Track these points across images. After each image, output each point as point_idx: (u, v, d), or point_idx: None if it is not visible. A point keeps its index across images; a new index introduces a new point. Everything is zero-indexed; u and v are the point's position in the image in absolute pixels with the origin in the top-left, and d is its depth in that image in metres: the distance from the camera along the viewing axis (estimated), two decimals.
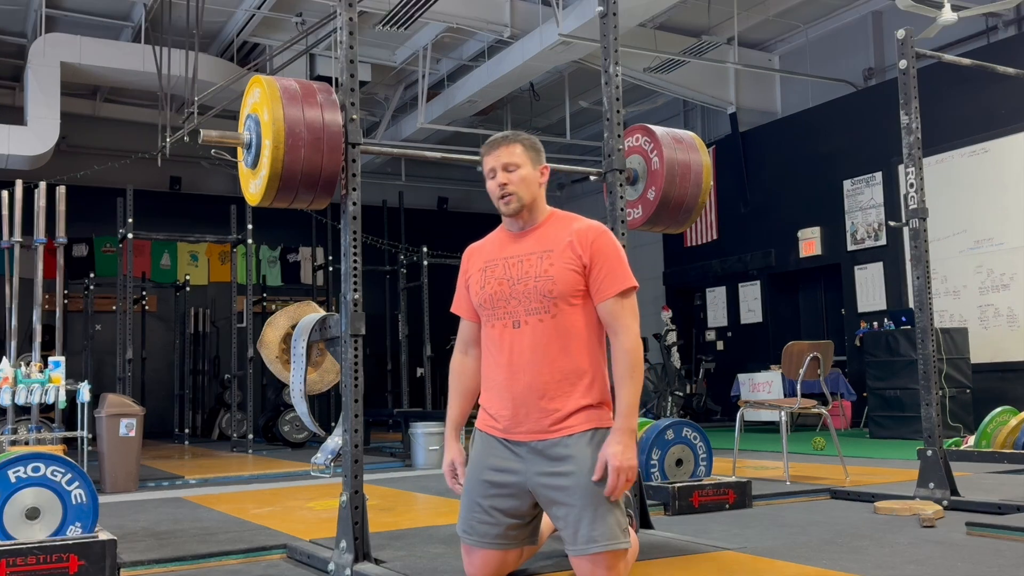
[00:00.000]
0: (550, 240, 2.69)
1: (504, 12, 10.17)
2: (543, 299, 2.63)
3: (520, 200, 2.71)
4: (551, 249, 2.67)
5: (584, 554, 2.49)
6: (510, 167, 2.71)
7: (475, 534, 2.68)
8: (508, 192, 2.70)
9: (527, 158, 2.74)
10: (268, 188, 3.07)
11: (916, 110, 4.52)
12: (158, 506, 5.10)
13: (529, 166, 2.73)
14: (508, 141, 2.75)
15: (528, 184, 2.72)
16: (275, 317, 6.91)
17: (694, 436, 4.48)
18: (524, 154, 2.73)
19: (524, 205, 2.72)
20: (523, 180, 2.71)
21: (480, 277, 2.75)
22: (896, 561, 3.07)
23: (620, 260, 2.66)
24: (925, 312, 4.40)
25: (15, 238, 5.98)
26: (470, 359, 2.86)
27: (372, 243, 13.00)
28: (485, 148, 2.78)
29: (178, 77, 9.93)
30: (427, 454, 7.16)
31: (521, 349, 2.64)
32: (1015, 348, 9.03)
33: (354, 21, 3.23)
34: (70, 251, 12.22)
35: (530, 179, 2.73)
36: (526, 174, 2.72)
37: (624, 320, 2.61)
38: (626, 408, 2.55)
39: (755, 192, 12.29)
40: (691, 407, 12.01)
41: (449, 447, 2.82)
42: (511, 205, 2.71)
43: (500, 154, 2.73)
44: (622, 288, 2.62)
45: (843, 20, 11.29)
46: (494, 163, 2.73)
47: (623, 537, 2.53)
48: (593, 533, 2.49)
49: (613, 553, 2.49)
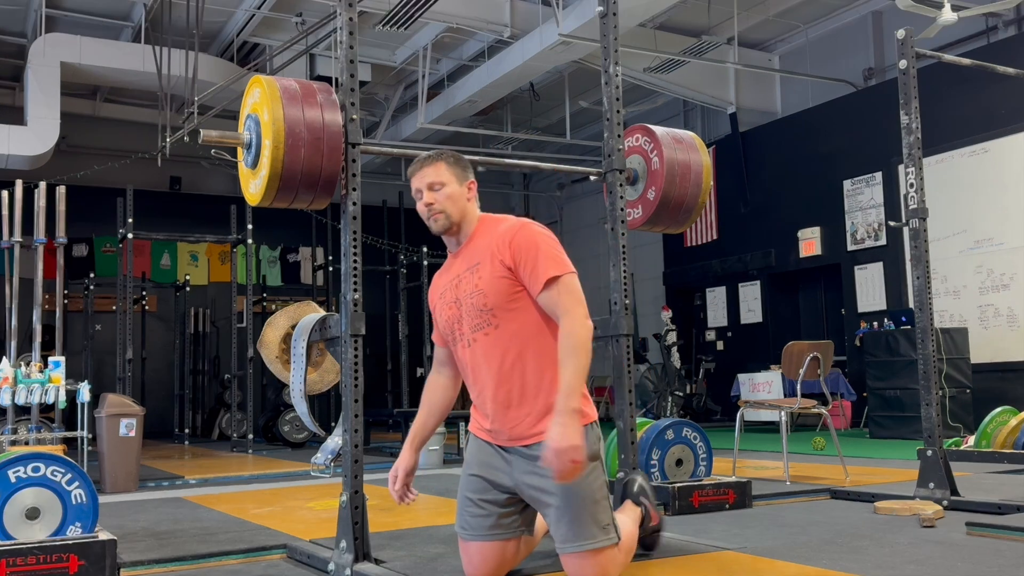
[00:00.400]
0: (478, 253, 2.70)
1: (504, 12, 10.17)
2: (480, 313, 2.66)
3: (448, 218, 2.72)
4: (479, 262, 2.68)
5: (568, 552, 2.54)
6: (435, 186, 2.73)
7: (469, 528, 2.71)
8: (435, 211, 2.72)
9: (452, 175, 2.74)
10: (268, 188, 3.07)
11: (916, 110, 4.52)
12: (158, 506, 5.10)
13: (455, 183, 2.74)
14: (431, 160, 2.76)
15: (455, 201, 2.73)
16: (275, 317, 6.92)
17: (694, 436, 4.48)
18: (448, 171, 2.74)
19: (453, 222, 2.74)
20: (449, 197, 2.72)
21: (439, 305, 2.79)
22: (896, 561, 3.07)
23: (542, 251, 2.59)
24: (925, 312, 4.40)
25: (15, 238, 5.98)
26: (441, 376, 2.90)
27: (372, 243, 13.00)
28: (411, 170, 2.80)
29: (178, 77, 9.93)
30: (427, 454, 7.15)
31: (477, 365, 2.68)
32: (1015, 348, 9.03)
33: (354, 21, 3.23)
34: (70, 251, 12.22)
35: (456, 196, 2.73)
36: (451, 191, 2.73)
37: (563, 305, 2.55)
38: (566, 388, 2.45)
39: (755, 192, 12.29)
40: (691, 407, 12.01)
41: (402, 454, 2.82)
42: (439, 223, 2.73)
43: (425, 174, 2.75)
44: (547, 277, 2.56)
45: (843, 20, 11.29)
46: (419, 184, 2.75)
47: (605, 534, 2.54)
48: (574, 531, 2.52)
49: (597, 550, 2.52)
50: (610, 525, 2.57)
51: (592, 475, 2.56)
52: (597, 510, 2.54)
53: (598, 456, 2.60)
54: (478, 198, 2.83)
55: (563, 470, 2.39)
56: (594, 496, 2.55)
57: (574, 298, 2.56)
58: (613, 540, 2.56)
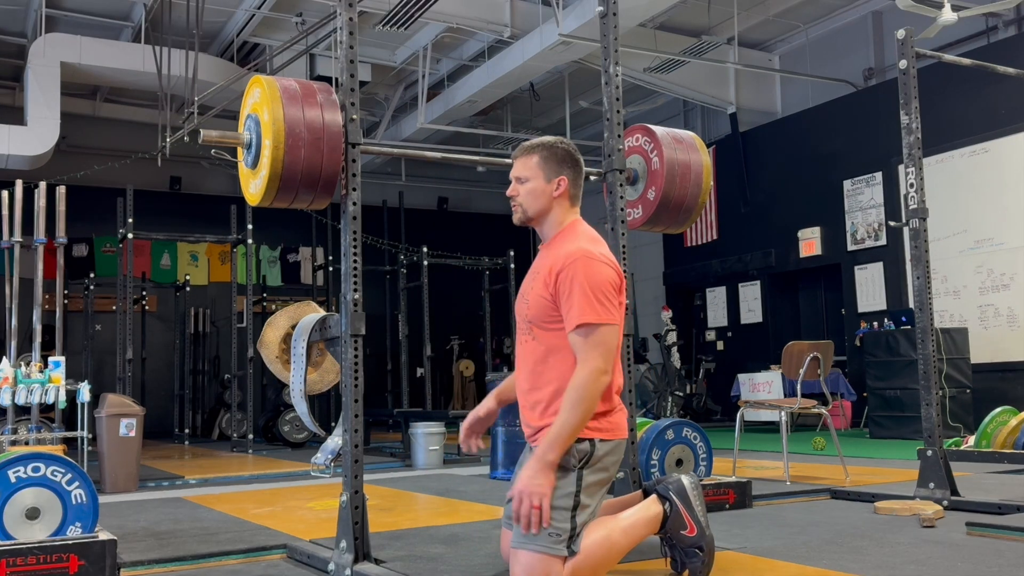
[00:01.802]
0: (544, 262, 2.71)
1: (504, 12, 10.17)
2: (524, 321, 2.73)
3: (525, 212, 2.78)
4: (539, 272, 2.71)
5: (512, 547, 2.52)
6: (521, 179, 2.78)
7: (504, 516, 2.77)
8: (515, 203, 2.80)
9: (540, 171, 2.76)
10: (268, 188, 3.06)
11: (916, 110, 4.52)
12: (158, 506, 5.10)
13: (541, 179, 2.75)
14: (527, 151, 2.79)
15: (536, 197, 2.76)
16: (275, 317, 6.92)
17: (694, 436, 4.48)
18: (538, 166, 2.76)
19: (529, 217, 2.78)
20: (530, 193, 2.76)
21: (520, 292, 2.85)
22: (896, 561, 3.07)
23: (586, 292, 2.54)
24: (925, 312, 4.40)
25: (15, 238, 5.97)
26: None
27: (372, 243, 13.00)
28: (513, 154, 2.86)
29: (178, 77, 9.94)
30: (427, 454, 7.15)
31: (522, 362, 2.75)
32: (1015, 348, 9.03)
33: (354, 21, 3.23)
34: (70, 251, 12.22)
35: (538, 192, 2.75)
36: (534, 187, 2.75)
37: (583, 354, 2.53)
38: (551, 438, 2.47)
39: (755, 192, 12.29)
40: (691, 407, 12.01)
41: (484, 401, 2.93)
42: (516, 215, 2.81)
43: (517, 164, 2.81)
44: (579, 322, 2.53)
45: (843, 20, 11.29)
46: (512, 172, 2.82)
47: (550, 541, 2.46)
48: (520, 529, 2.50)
49: (532, 552, 2.46)
50: (563, 536, 2.48)
51: (557, 482, 2.51)
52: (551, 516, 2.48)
53: (574, 468, 2.53)
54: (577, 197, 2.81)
55: (519, 511, 2.45)
56: (553, 502, 2.49)
57: (598, 351, 2.52)
58: (555, 551, 2.46)
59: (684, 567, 2.76)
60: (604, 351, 2.53)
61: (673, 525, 2.74)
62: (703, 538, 2.72)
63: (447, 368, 15.29)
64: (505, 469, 6.04)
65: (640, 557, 3.03)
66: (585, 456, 2.55)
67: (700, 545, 2.73)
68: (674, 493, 2.76)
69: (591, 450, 2.56)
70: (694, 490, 2.78)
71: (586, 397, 2.48)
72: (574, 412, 2.47)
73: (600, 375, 2.51)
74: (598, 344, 2.53)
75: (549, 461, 2.46)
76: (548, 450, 2.47)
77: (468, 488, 5.64)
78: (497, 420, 6.24)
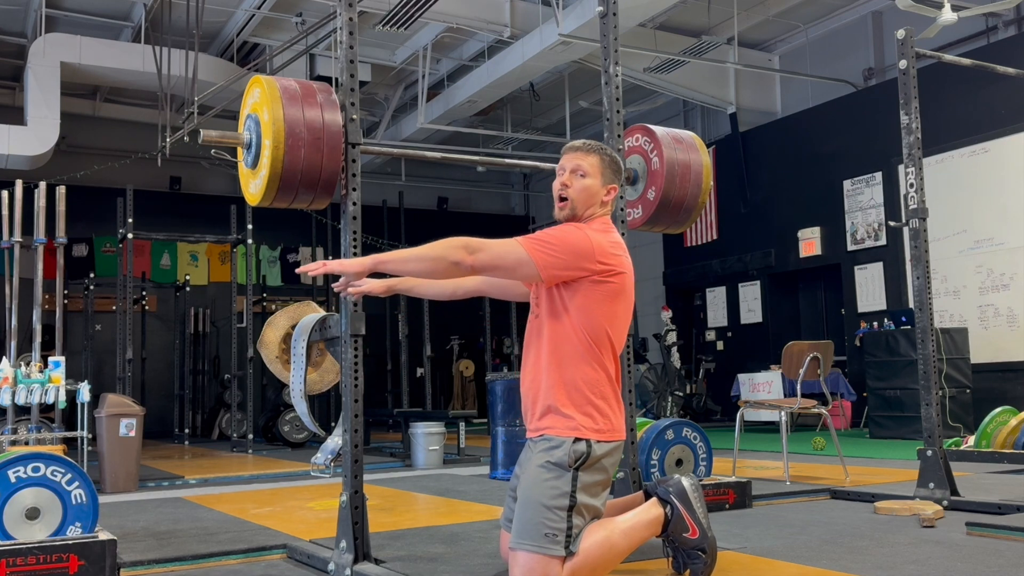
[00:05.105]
0: None
1: (504, 12, 10.17)
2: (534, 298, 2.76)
3: (573, 208, 2.70)
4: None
5: (511, 548, 2.53)
6: (578, 171, 2.70)
7: (503, 518, 2.80)
8: (564, 196, 2.71)
9: (599, 171, 2.72)
10: (268, 188, 3.06)
11: (916, 110, 4.52)
12: (158, 506, 5.10)
13: (598, 180, 2.71)
14: (589, 149, 2.73)
15: (590, 195, 2.70)
16: (275, 317, 6.93)
17: (694, 436, 4.48)
18: (598, 166, 2.72)
19: (576, 215, 2.71)
20: (585, 189, 2.70)
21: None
22: (896, 561, 3.07)
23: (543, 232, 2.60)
24: (925, 312, 4.40)
25: (15, 238, 5.98)
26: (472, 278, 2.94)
27: (372, 243, 12.99)
28: (566, 147, 2.77)
29: (178, 77, 9.94)
30: (427, 454, 7.15)
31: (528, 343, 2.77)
32: (1015, 348, 9.03)
33: (354, 21, 3.23)
34: (70, 251, 12.22)
35: (592, 191, 2.71)
36: (590, 184, 2.70)
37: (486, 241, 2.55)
38: (397, 253, 2.57)
39: (755, 192, 12.29)
40: (691, 407, 12.01)
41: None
42: (563, 211, 2.72)
43: (575, 156, 2.73)
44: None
45: (843, 20, 11.29)
46: (566, 162, 2.74)
47: (547, 542, 2.46)
48: (519, 529, 2.51)
49: (529, 553, 2.46)
50: (559, 536, 2.47)
51: (552, 482, 2.51)
52: (547, 516, 2.48)
53: (568, 468, 2.53)
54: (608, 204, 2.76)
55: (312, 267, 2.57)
56: (547, 502, 2.49)
57: (491, 247, 2.53)
58: (552, 551, 2.46)
59: (686, 568, 2.76)
60: (492, 253, 2.53)
61: (675, 528, 2.73)
62: (705, 540, 2.72)
63: (447, 368, 15.29)
64: (505, 469, 6.04)
65: (641, 557, 3.03)
66: (581, 457, 2.54)
67: (703, 547, 2.72)
68: (675, 496, 2.74)
69: (588, 451, 2.55)
70: (695, 492, 2.77)
71: (437, 249, 2.50)
72: (423, 251, 2.52)
73: (458, 248, 2.50)
74: (499, 247, 2.54)
75: (378, 259, 2.55)
76: (387, 256, 2.56)
77: (468, 488, 5.64)
78: (497, 420, 6.26)
